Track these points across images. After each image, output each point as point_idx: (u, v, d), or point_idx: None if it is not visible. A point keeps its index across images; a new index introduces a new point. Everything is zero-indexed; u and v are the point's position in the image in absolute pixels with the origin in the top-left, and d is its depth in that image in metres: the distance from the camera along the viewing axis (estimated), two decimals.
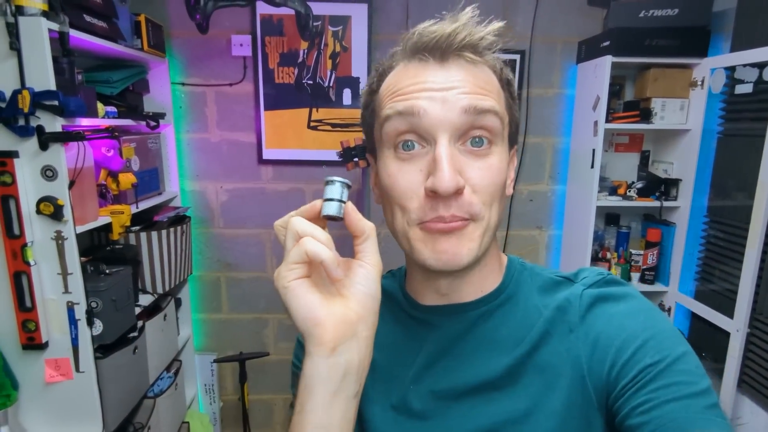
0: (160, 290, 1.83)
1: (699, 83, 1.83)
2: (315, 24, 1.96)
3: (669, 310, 2.01)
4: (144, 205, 1.77)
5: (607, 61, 1.79)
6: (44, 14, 1.25)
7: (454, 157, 0.48)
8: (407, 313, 0.60)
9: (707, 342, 1.84)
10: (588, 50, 1.98)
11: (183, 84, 2.07)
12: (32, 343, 1.38)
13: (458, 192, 0.47)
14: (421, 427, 0.56)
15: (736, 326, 1.63)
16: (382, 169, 0.52)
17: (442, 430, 0.54)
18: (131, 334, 1.64)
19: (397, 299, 0.62)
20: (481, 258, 0.52)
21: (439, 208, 0.48)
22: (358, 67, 2.07)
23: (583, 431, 0.49)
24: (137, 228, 1.75)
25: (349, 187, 0.47)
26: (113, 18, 1.59)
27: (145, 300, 1.77)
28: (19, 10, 1.22)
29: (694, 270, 1.92)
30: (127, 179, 1.59)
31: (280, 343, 2.35)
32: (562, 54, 2.10)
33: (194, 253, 2.19)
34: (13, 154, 1.27)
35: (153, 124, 1.77)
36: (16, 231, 1.30)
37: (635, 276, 2.07)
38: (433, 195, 0.47)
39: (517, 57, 2.07)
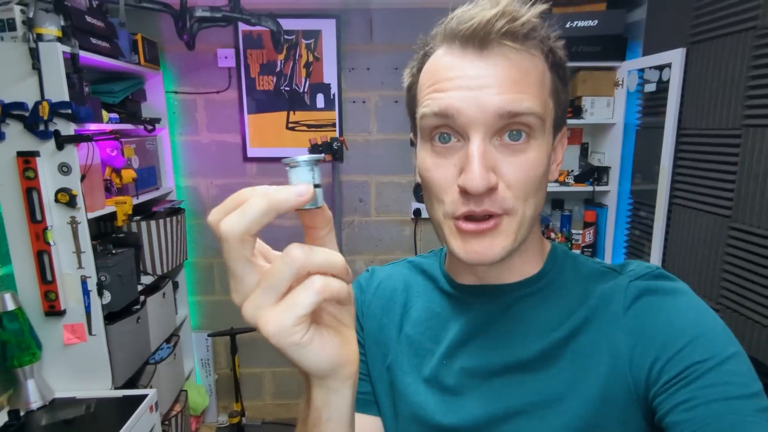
0: (159, 272, 2.12)
1: (620, 83, 2.11)
2: (288, 38, 2.25)
3: None
4: (143, 198, 2.06)
5: None
6: (59, 39, 1.54)
7: (487, 154, 0.47)
8: (444, 290, 0.60)
9: None
10: None
11: (176, 92, 2.36)
12: (53, 310, 1.67)
13: (490, 190, 0.47)
14: (452, 401, 0.55)
15: None
16: (420, 160, 0.52)
17: (472, 407, 0.54)
18: (134, 307, 1.93)
19: (435, 277, 0.62)
20: (519, 246, 0.51)
21: (471, 203, 0.47)
22: (329, 75, 2.36)
23: (619, 422, 0.48)
24: (138, 218, 2.03)
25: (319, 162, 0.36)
26: (114, 38, 1.88)
27: (146, 281, 2.05)
28: (39, 37, 1.51)
29: (623, 245, 2.20)
30: (128, 174, 1.88)
31: None
32: None
33: (189, 241, 2.47)
34: (35, 154, 1.56)
35: (150, 127, 2.06)
36: (39, 217, 1.59)
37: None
38: (465, 192, 0.47)
39: None
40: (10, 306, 1.58)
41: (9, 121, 1.54)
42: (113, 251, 1.81)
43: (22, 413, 1.59)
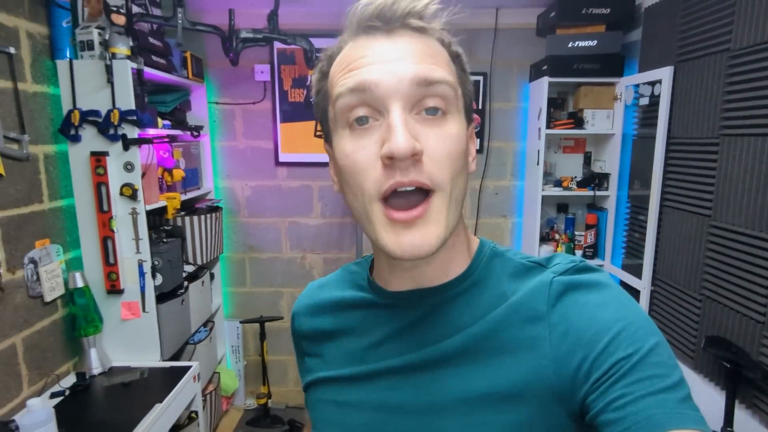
0: (199, 262, 2.37)
1: (619, 97, 2.31)
2: (317, 56, 2.51)
3: None
4: (188, 195, 2.32)
5: (545, 81, 2.30)
6: (128, 57, 1.82)
7: (409, 123, 0.46)
8: (371, 299, 0.59)
9: None
10: (534, 72, 2.49)
11: (217, 103, 2.64)
12: (113, 289, 1.93)
13: (415, 157, 0.45)
14: (373, 395, 0.56)
15: (644, 285, 2.09)
16: (339, 152, 0.50)
17: (393, 402, 0.54)
18: (179, 291, 2.18)
19: (362, 286, 0.61)
20: (447, 239, 0.50)
21: (397, 174, 0.45)
22: None
23: (540, 420, 0.48)
24: (182, 213, 2.30)
25: None
26: (169, 56, 2.16)
27: (188, 269, 2.31)
28: (113, 56, 1.79)
29: (621, 245, 2.38)
30: (178, 174, 2.15)
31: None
32: (518, 74, 2.61)
33: (225, 237, 2.74)
34: (106, 154, 1.83)
35: (195, 134, 2.33)
36: (105, 207, 1.86)
37: (578, 253, 2.54)
38: (390, 162, 0.45)
39: (481, 78, 2.59)
40: (80, 283, 1.84)
41: (85, 126, 1.82)
42: (164, 240, 2.07)
43: (87, 377, 1.85)
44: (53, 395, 1.74)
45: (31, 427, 1.24)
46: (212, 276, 2.69)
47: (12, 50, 1.60)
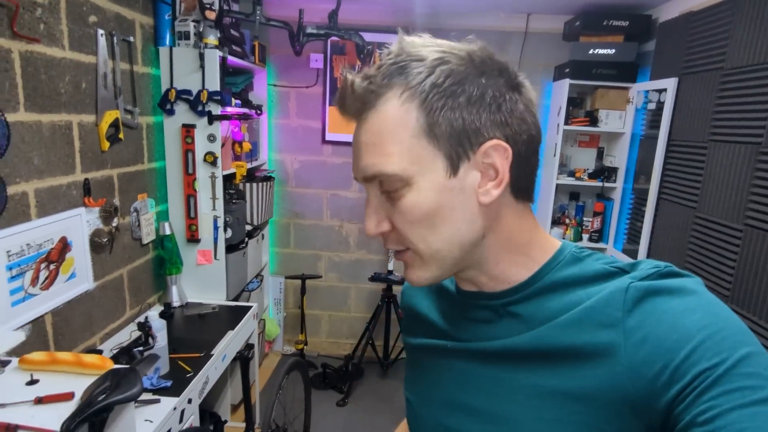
0: (255, 222, 2.77)
1: (631, 100, 2.61)
2: (367, 48, 2.85)
3: None
4: (250, 165, 2.71)
5: (566, 82, 2.61)
6: (216, 47, 2.20)
7: (379, 205, 0.53)
8: (453, 293, 0.64)
9: None
10: (558, 73, 2.79)
11: (275, 85, 3.01)
12: (192, 238, 2.34)
13: (384, 234, 0.53)
14: (453, 369, 0.60)
15: None
16: None
17: (469, 382, 0.58)
18: (241, 245, 2.59)
19: (452, 278, 0.65)
20: (477, 260, 0.54)
21: (383, 241, 0.55)
22: None
23: (611, 426, 0.47)
24: (245, 180, 2.69)
25: None
26: (243, 44, 2.53)
27: (247, 228, 2.71)
28: (205, 45, 2.16)
29: (623, 232, 2.70)
30: (246, 146, 2.54)
31: (329, 272, 3.28)
32: (543, 74, 2.91)
33: (275, 203, 3.13)
34: (194, 126, 2.22)
35: (259, 112, 2.71)
36: (191, 170, 2.26)
37: (585, 236, 2.87)
38: None
39: None
40: (168, 232, 2.26)
41: (179, 102, 2.20)
42: (233, 201, 2.47)
43: (171, 307, 2.28)
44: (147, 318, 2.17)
45: (157, 329, 1.67)
46: (262, 236, 3.10)
47: (131, 38, 1.98)
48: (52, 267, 1.64)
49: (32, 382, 1.26)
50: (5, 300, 1.47)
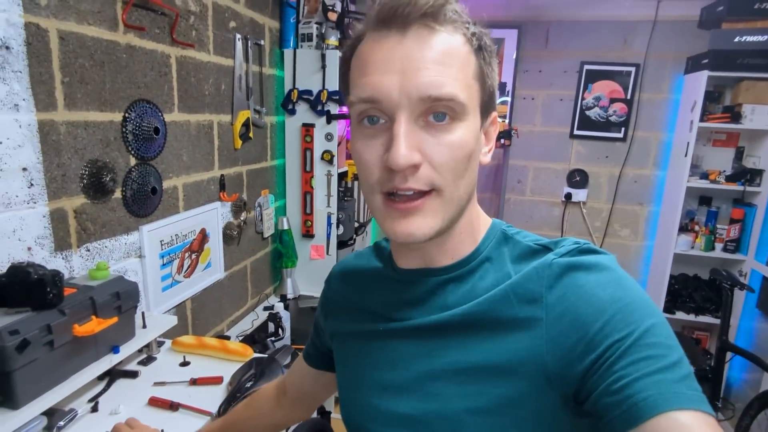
0: (362, 219, 2.82)
1: None
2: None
3: (745, 275, 2.50)
4: None
5: (704, 75, 2.35)
6: (336, 47, 2.25)
7: (412, 133, 0.48)
8: (388, 273, 0.64)
9: None
10: (692, 65, 2.53)
11: None
12: (308, 233, 2.43)
13: (413, 167, 0.48)
14: (391, 362, 0.59)
15: None
16: (352, 144, 0.54)
17: (399, 359, 0.59)
18: (350, 241, 2.64)
19: (384, 260, 0.66)
20: (453, 227, 0.54)
21: (395, 179, 0.49)
22: (507, 75, 2.86)
23: (530, 398, 0.49)
24: (355, 178, 2.74)
25: None
26: None
27: (355, 224, 2.76)
28: (327, 46, 2.22)
29: None
30: None
31: None
32: (672, 66, 2.66)
33: None
34: (313, 126, 2.29)
35: None
36: (308, 168, 2.34)
37: (718, 246, 2.58)
38: (391, 170, 0.48)
39: (633, 68, 2.68)
40: (286, 226, 2.36)
41: (300, 102, 2.29)
42: (345, 198, 2.52)
43: (286, 298, 2.37)
44: (265, 308, 2.28)
45: (284, 320, 1.74)
46: (366, 233, 3.14)
47: (262, 42, 2.09)
48: (194, 256, 1.77)
49: (184, 363, 1.36)
50: (157, 285, 1.60)
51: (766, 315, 2.34)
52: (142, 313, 1.34)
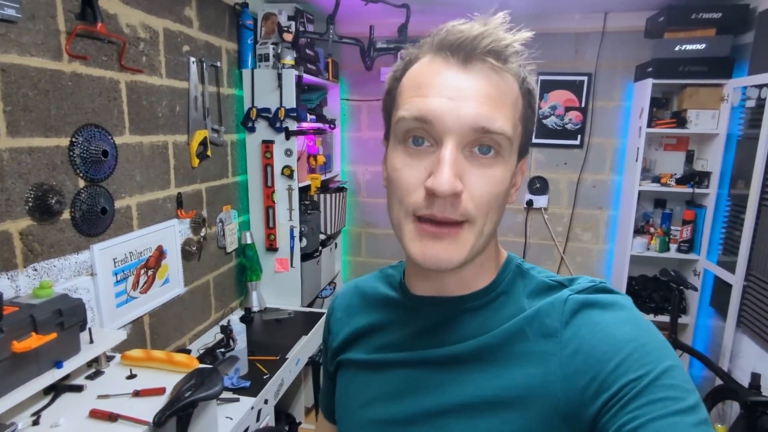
0: (329, 232, 2.88)
1: (726, 98, 2.39)
2: (403, 48, 2.87)
3: (699, 274, 2.58)
4: (324, 177, 2.83)
5: (649, 82, 2.45)
6: (293, 66, 2.33)
7: (457, 161, 0.48)
8: (399, 299, 0.63)
9: (724, 295, 2.39)
10: (640, 73, 2.63)
11: (348, 100, 3.12)
12: (271, 247, 2.49)
13: (455, 195, 0.48)
14: (392, 395, 0.58)
15: (736, 280, 2.21)
16: (390, 162, 0.53)
17: (407, 392, 0.57)
18: (315, 253, 2.70)
19: (395, 287, 0.65)
20: (471, 260, 0.53)
21: (434, 206, 0.48)
22: None
23: None
24: (319, 191, 2.81)
25: None
26: (317, 62, 2.66)
27: (321, 237, 2.83)
28: (283, 66, 2.30)
29: (718, 243, 2.47)
30: (321, 159, 2.65)
31: None
32: (623, 74, 2.76)
33: (347, 213, 3.23)
34: (272, 142, 2.37)
35: (332, 126, 2.82)
36: (270, 183, 2.41)
37: (673, 247, 2.66)
38: (431, 194, 0.48)
39: (585, 78, 2.78)
40: (249, 241, 2.42)
41: (259, 120, 2.36)
42: (308, 212, 2.59)
43: (251, 312, 2.43)
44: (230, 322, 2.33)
45: (237, 332, 1.79)
46: (335, 245, 3.21)
47: (218, 63, 2.16)
48: (150, 273, 1.83)
49: (131, 376, 1.41)
50: (111, 302, 1.65)
51: (719, 313, 2.41)
52: (89, 329, 1.39)
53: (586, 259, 3.00)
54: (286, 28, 2.28)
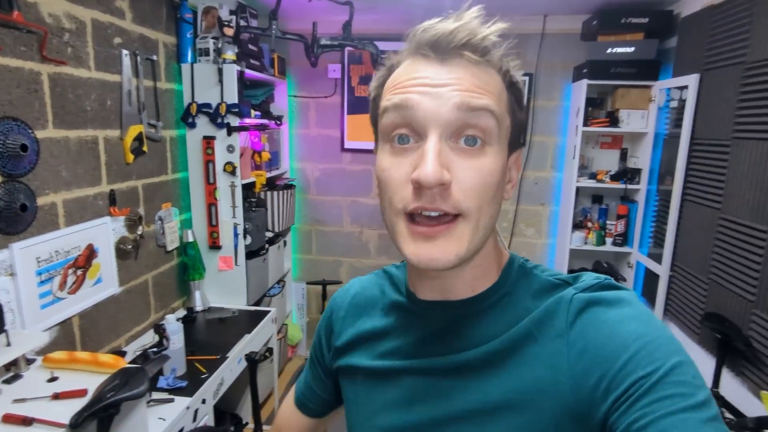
0: (276, 230, 2.85)
1: (653, 99, 2.53)
2: (382, 57, 2.89)
3: (632, 266, 2.71)
4: (271, 174, 2.80)
5: (584, 83, 2.55)
6: (234, 62, 2.29)
7: (443, 152, 0.47)
8: (406, 303, 0.62)
9: (654, 286, 2.53)
10: (577, 74, 2.74)
11: (295, 96, 3.10)
12: (214, 245, 2.44)
13: (443, 186, 0.47)
14: (400, 402, 0.58)
15: (663, 270, 2.34)
16: (378, 164, 0.53)
17: (417, 409, 0.56)
18: (262, 251, 2.67)
19: (401, 290, 0.64)
20: (473, 258, 0.52)
21: (423, 198, 0.47)
22: None
23: None
24: (266, 188, 2.78)
25: None
26: (262, 58, 2.63)
27: (268, 235, 2.80)
28: (223, 60, 2.26)
29: (648, 236, 2.61)
30: (265, 155, 2.62)
31: (350, 278, 3.32)
32: (562, 75, 2.87)
33: (296, 210, 3.21)
34: (214, 138, 2.32)
35: (279, 122, 2.80)
36: (212, 180, 2.36)
37: (609, 240, 2.79)
38: (419, 186, 0.47)
39: (527, 78, 2.87)
40: (191, 239, 2.36)
41: (200, 115, 2.31)
42: (253, 209, 2.56)
43: (193, 311, 2.37)
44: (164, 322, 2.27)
45: (172, 332, 1.75)
46: (285, 243, 3.18)
47: (154, 57, 2.10)
48: (79, 272, 1.76)
49: (52, 379, 1.36)
50: (35, 303, 1.58)
51: (650, 302, 2.54)
52: (6, 331, 1.33)
53: (530, 254, 3.10)
54: (227, 23, 2.24)
